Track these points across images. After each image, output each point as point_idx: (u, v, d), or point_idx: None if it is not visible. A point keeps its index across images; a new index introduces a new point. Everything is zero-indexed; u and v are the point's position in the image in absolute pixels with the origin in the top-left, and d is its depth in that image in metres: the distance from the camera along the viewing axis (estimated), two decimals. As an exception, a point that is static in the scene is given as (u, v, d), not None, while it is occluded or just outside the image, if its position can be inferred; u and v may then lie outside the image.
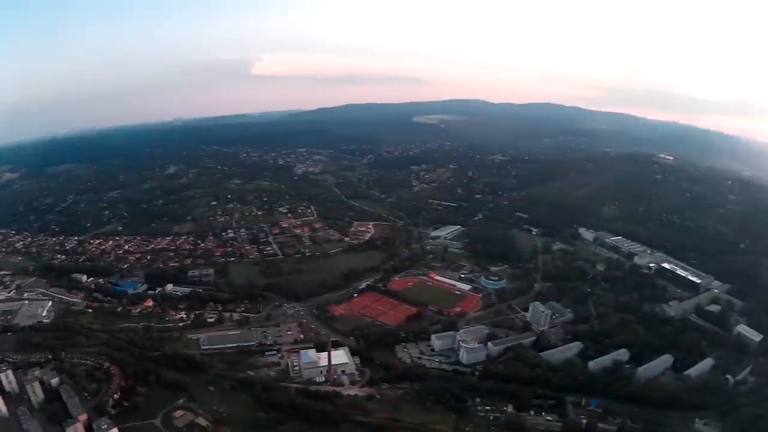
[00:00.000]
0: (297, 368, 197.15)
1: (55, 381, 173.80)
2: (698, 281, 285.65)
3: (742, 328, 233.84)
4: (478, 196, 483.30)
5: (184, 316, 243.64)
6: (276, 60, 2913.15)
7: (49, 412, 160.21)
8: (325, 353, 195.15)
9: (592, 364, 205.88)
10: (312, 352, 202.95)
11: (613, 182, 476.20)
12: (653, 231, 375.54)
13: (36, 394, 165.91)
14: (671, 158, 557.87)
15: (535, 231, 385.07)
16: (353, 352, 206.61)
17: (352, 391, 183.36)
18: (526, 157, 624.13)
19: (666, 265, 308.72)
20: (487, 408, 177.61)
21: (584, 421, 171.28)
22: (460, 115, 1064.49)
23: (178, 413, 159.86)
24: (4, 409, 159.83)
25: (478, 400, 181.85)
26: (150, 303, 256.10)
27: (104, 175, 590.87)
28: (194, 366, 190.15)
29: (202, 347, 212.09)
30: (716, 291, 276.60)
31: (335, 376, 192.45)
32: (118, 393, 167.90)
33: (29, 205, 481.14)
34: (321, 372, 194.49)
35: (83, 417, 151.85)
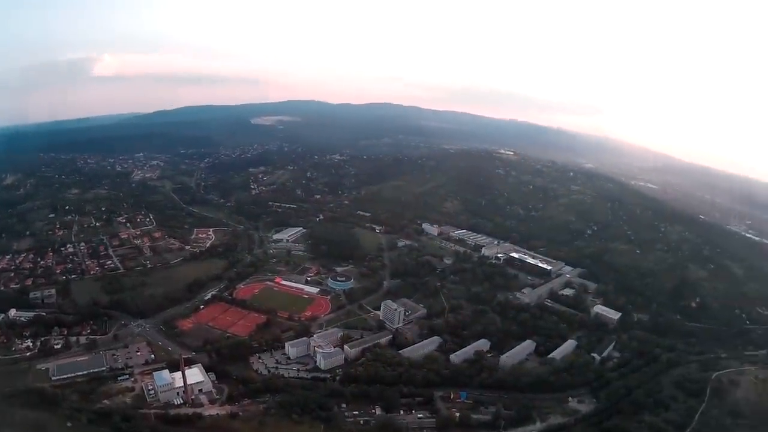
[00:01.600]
0: (153, 392, 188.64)
1: None
2: (549, 268, 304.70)
3: (600, 309, 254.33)
4: (318, 197, 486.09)
5: (30, 344, 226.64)
6: (114, 61, 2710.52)
7: None
8: (179, 373, 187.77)
9: (454, 357, 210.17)
10: (165, 373, 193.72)
11: (454, 178, 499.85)
12: (498, 223, 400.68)
13: None
14: (512, 153, 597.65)
15: (378, 229, 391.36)
16: (207, 369, 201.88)
17: (214, 411, 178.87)
18: (365, 156, 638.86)
19: (515, 255, 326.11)
20: (355, 413, 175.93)
21: (457, 414, 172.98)
22: (299, 116, 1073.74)
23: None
24: None
25: (344, 405, 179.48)
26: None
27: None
28: (48, 401, 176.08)
29: (53, 378, 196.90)
30: (568, 276, 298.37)
31: (193, 397, 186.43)
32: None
33: None
34: (178, 393, 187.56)
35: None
